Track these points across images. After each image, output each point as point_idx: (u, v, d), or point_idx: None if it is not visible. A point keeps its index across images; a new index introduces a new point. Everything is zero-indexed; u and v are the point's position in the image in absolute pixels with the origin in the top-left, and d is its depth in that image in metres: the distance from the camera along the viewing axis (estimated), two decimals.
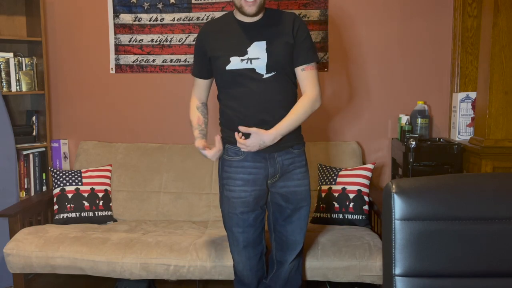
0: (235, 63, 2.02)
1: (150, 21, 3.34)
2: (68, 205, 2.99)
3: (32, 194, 3.29)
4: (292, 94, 2.11)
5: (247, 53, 2.02)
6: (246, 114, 2.05)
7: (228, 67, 2.03)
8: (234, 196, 2.12)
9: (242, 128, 2.00)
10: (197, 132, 2.20)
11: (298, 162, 2.15)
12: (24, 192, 3.25)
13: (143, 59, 3.38)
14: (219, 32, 2.10)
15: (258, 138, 1.99)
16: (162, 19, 3.33)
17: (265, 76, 2.03)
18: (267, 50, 2.02)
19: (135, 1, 3.34)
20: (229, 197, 2.14)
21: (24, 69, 3.27)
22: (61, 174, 3.08)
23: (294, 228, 2.19)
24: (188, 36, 3.32)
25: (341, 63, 3.27)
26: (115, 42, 3.39)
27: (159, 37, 3.34)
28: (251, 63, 2.02)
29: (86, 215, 3.01)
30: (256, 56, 2.01)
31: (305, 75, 2.08)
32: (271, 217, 2.23)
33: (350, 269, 2.45)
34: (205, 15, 3.29)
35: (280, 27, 2.06)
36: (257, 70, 2.02)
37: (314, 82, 2.08)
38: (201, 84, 2.24)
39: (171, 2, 3.31)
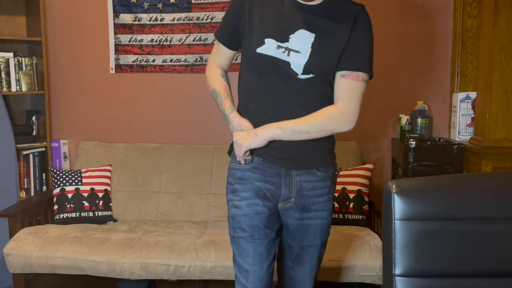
0: (269, 47, 1.55)
1: (150, 21, 3.34)
2: (68, 205, 2.99)
3: (32, 194, 3.28)
4: (329, 105, 1.61)
5: (287, 41, 1.55)
6: (265, 115, 1.60)
7: (260, 50, 1.56)
8: (241, 213, 1.63)
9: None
10: (229, 102, 1.66)
11: (321, 188, 1.66)
12: (24, 192, 3.25)
13: (143, 59, 3.38)
14: (265, 3, 1.61)
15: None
16: (162, 19, 3.33)
17: (300, 76, 1.56)
18: (313, 45, 1.54)
19: (135, 1, 3.33)
20: (235, 215, 1.65)
21: (24, 69, 3.27)
22: (61, 174, 3.08)
23: (304, 272, 1.75)
24: (188, 36, 3.32)
25: None
26: (115, 42, 3.39)
27: (159, 37, 3.34)
28: (288, 54, 1.55)
29: (86, 215, 3.00)
30: (297, 49, 1.54)
31: (344, 84, 1.56)
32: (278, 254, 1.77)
33: (350, 269, 2.45)
34: (205, 15, 3.29)
35: (338, 20, 1.57)
36: (291, 66, 1.56)
37: (352, 95, 1.56)
38: (224, 53, 1.74)
39: (171, 2, 3.31)
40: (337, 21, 1.57)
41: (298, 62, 1.55)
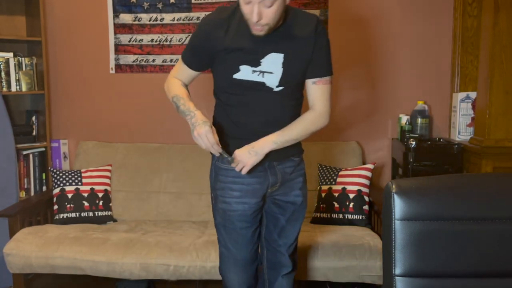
0: (245, 73, 1.77)
1: (150, 21, 3.34)
2: (68, 205, 2.99)
3: (32, 194, 3.28)
4: (299, 105, 1.91)
5: (260, 65, 1.76)
6: (246, 123, 1.83)
7: (236, 76, 1.77)
8: (231, 209, 1.88)
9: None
10: (193, 104, 1.84)
11: (299, 170, 1.95)
12: (24, 192, 3.25)
13: (143, 59, 3.38)
14: (232, 31, 1.77)
15: (247, 147, 1.79)
16: (162, 19, 3.33)
17: (276, 89, 1.80)
18: (284, 65, 1.77)
19: (135, 1, 3.33)
20: (225, 210, 1.89)
21: (23, 69, 3.27)
22: (60, 174, 3.08)
23: (287, 242, 1.99)
24: (188, 36, 3.31)
25: (341, 63, 3.26)
26: (115, 42, 3.39)
27: (159, 37, 3.34)
28: (263, 76, 1.77)
29: (86, 215, 3.00)
30: (270, 70, 1.77)
31: (316, 89, 1.84)
32: (264, 230, 2.02)
33: (350, 269, 2.45)
34: (205, 15, 3.28)
35: (301, 37, 1.79)
36: (267, 84, 1.78)
37: (325, 97, 1.85)
38: (188, 73, 1.92)
39: (171, 2, 3.30)
40: (301, 37, 1.78)
41: (272, 81, 1.78)
